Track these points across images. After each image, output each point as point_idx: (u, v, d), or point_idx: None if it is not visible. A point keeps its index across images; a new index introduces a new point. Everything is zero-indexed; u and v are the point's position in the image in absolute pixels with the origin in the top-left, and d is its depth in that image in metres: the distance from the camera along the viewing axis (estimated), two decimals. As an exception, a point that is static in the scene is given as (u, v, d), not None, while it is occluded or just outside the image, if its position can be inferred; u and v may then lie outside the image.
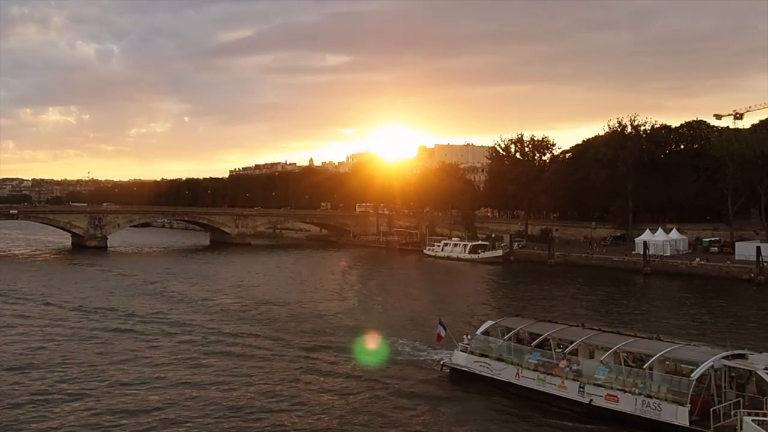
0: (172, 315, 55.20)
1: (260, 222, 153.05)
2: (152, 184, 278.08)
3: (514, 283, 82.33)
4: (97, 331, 48.58)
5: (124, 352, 41.99)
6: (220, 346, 43.37)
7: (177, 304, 61.11)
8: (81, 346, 43.70)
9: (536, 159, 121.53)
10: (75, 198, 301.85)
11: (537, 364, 32.02)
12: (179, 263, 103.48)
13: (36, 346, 43.74)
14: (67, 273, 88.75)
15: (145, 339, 45.75)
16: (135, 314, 54.91)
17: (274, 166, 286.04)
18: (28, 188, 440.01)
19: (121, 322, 51.52)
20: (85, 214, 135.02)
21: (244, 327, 50.13)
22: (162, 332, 47.77)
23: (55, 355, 40.95)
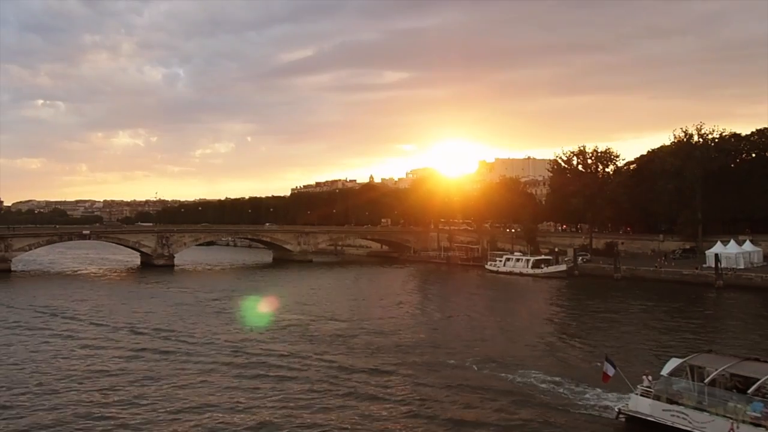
0: (233, 333, 55.55)
1: (321, 239, 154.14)
2: (217, 204, 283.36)
3: (582, 299, 79.97)
4: (158, 349, 49.24)
5: (182, 371, 42.33)
6: (284, 371, 41.70)
7: (237, 322, 61.55)
8: (146, 366, 44.29)
9: (599, 171, 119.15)
10: (143, 218, 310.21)
11: (762, 417, 25.44)
12: (242, 281, 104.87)
13: (96, 362, 44.75)
14: (134, 291, 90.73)
15: (205, 358, 45.73)
16: (196, 333, 55.43)
17: (335, 183, 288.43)
18: (99, 209, 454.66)
19: (183, 341, 52.04)
20: (153, 233, 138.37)
21: (315, 348, 48.75)
22: (222, 352, 47.71)
23: (114, 372, 41.77)
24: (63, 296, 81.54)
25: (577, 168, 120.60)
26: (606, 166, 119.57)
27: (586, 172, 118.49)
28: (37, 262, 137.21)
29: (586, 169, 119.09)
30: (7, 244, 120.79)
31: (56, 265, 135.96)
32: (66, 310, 69.11)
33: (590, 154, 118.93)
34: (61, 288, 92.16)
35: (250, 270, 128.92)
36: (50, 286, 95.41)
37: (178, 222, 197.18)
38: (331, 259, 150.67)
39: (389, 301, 77.74)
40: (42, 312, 67.98)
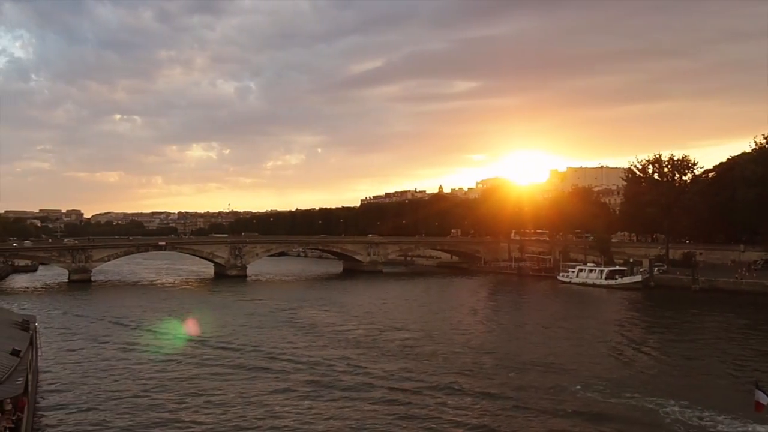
0: (303, 344, 55.56)
1: (391, 250, 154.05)
2: (288, 215, 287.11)
3: (662, 312, 76.38)
4: (229, 359, 49.55)
5: (252, 383, 42.42)
6: (353, 385, 41.00)
7: (308, 333, 61.71)
8: (217, 376, 44.58)
9: (676, 180, 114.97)
10: (216, 229, 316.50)
11: None
12: (313, 291, 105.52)
13: (167, 373, 45.23)
14: (208, 301, 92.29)
15: (274, 370, 45.69)
16: (267, 344, 55.54)
17: (404, 194, 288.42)
18: (174, 220, 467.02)
19: (253, 352, 52.06)
20: (226, 244, 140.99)
21: (386, 361, 47.94)
22: (292, 363, 47.53)
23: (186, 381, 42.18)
24: (139, 306, 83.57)
25: (653, 177, 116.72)
26: (683, 175, 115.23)
27: (663, 180, 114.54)
28: (115, 272, 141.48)
29: (663, 177, 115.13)
30: (87, 255, 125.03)
31: (133, 276, 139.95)
32: (142, 320, 70.72)
33: (667, 162, 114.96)
34: (138, 298, 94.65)
35: (320, 280, 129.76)
36: (128, 296, 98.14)
37: (250, 233, 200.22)
38: (400, 269, 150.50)
39: (461, 312, 76.72)
40: (119, 322, 69.70)
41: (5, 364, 28.61)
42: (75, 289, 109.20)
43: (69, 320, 72.56)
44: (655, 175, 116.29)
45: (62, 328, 66.92)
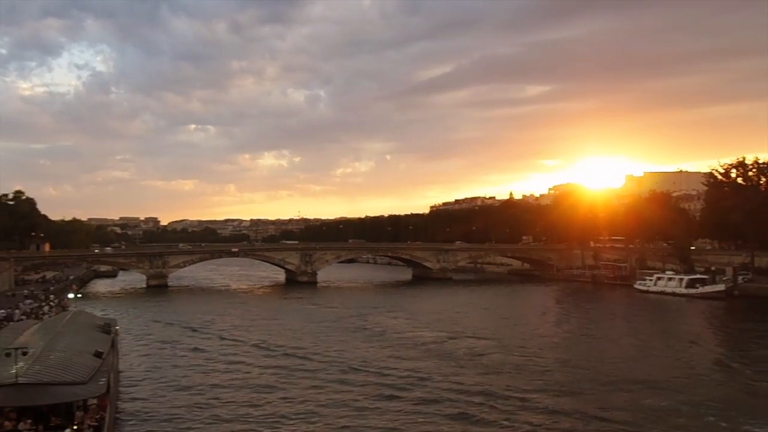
0: (372, 351, 55.32)
1: (461, 256, 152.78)
2: (357, 222, 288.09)
3: (754, 323, 73.57)
4: (299, 366, 49.62)
5: (321, 390, 42.17)
6: (422, 394, 40.32)
7: (377, 339, 61.47)
8: (286, 381, 44.70)
9: (762, 184, 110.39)
10: (287, 236, 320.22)
11: None
12: (382, 298, 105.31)
13: (237, 376, 45.65)
14: (279, 308, 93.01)
15: (343, 377, 45.42)
16: (336, 350, 55.46)
17: (474, 200, 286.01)
18: (246, 227, 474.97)
19: (323, 359, 51.83)
20: (297, 251, 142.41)
21: (456, 371, 47.12)
22: (361, 370, 47.18)
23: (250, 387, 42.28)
24: (213, 311, 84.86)
25: (736, 181, 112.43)
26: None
27: (747, 185, 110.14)
28: (190, 278, 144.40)
29: (747, 182, 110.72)
30: (164, 261, 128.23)
31: (207, 281, 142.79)
32: (215, 326, 71.81)
33: (751, 165, 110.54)
34: (212, 303, 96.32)
35: (389, 287, 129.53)
36: (202, 301, 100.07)
37: (320, 240, 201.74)
38: (470, 276, 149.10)
39: (533, 320, 75.28)
40: (193, 327, 70.85)
41: (89, 365, 29.18)
42: (152, 294, 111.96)
43: (146, 324, 74.23)
44: (739, 179, 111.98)
45: (140, 331, 68.54)
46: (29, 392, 24.79)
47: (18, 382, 24.80)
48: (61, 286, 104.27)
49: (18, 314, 59.82)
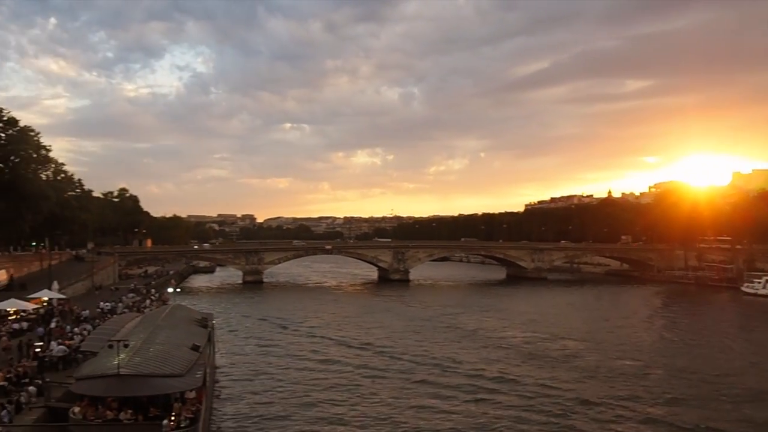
0: (463, 350, 54.72)
1: (556, 256, 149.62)
2: (450, 220, 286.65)
3: None
4: (387, 364, 49.57)
5: (411, 390, 42.02)
6: (516, 399, 39.48)
7: (469, 339, 60.90)
8: (374, 382, 44.71)
9: None
10: (380, 234, 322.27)
11: None
12: (475, 297, 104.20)
13: (328, 372, 45.90)
14: (371, 305, 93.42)
15: (434, 377, 45.00)
16: (427, 349, 55.03)
17: (570, 198, 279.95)
18: (340, 225, 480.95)
19: (414, 359, 51.44)
20: (390, 249, 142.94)
21: (550, 374, 45.85)
22: (453, 371, 46.60)
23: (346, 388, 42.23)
24: (306, 308, 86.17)
25: None
26: None
27: None
28: (284, 274, 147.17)
29: None
30: (259, 258, 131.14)
31: (301, 278, 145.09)
32: (308, 322, 72.81)
33: None
34: (305, 300, 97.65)
35: (482, 286, 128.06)
36: (295, 298, 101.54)
37: (412, 238, 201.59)
38: (566, 276, 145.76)
39: (632, 323, 72.68)
40: (286, 323, 72.13)
41: (186, 358, 29.79)
42: (248, 290, 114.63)
43: (242, 319, 75.99)
44: None
45: (235, 326, 70.24)
46: (130, 383, 25.49)
47: (120, 373, 25.53)
48: (162, 280, 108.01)
49: (121, 307, 62.17)
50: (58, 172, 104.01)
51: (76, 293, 79.42)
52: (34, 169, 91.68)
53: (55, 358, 36.71)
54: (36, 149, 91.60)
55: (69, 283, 79.25)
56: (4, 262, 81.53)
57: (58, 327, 47.79)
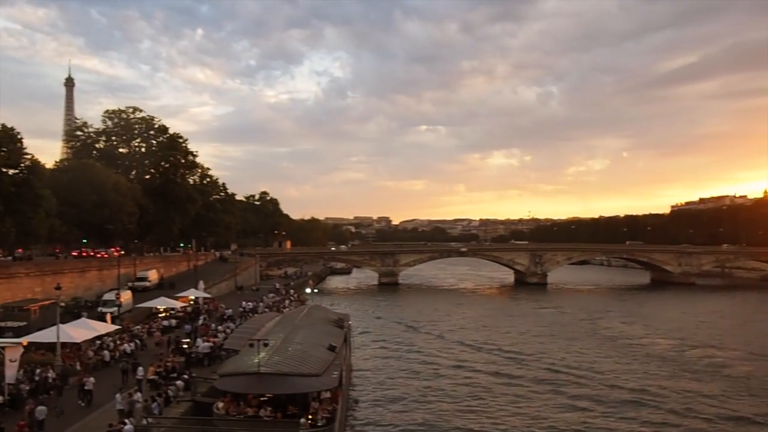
0: (600, 358, 52.73)
1: (705, 260, 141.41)
2: (590, 222, 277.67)
3: None
4: (521, 370, 48.41)
5: (547, 398, 40.70)
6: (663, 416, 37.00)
7: (607, 346, 58.55)
8: (510, 389, 43.79)
9: None
10: (516, 236, 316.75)
11: None
12: (616, 302, 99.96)
13: (460, 376, 45.37)
14: (507, 309, 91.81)
15: (576, 388, 43.29)
16: (564, 357, 53.42)
17: (721, 199, 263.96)
18: (475, 227, 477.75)
19: (551, 366, 49.96)
20: (527, 251, 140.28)
21: (692, 385, 43.46)
22: (591, 381, 44.71)
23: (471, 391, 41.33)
24: (441, 310, 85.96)
25: None
26: None
27: None
28: (419, 276, 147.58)
29: None
30: (395, 260, 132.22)
31: (436, 280, 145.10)
32: (442, 325, 72.63)
33: None
34: (440, 302, 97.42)
35: (624, 291, 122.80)
36: (430, 300, 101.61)
37: (550, 240, 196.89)
38: (716, 282, 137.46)
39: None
40: (420, 325, 72.27)
41: (323, 358, 30.10)
42: (383, 291, 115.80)
43: (377, 320, 76.93)
44: None
45: (370, 327, 71.11)
46: (269, 381, 26.03)
47: (260, 371, 26.16)
48: (300, 281, 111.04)
49: (262, 307, 64.37)
50: (204, 176, 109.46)
51: (220, 293, 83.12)
52: (183, 174, 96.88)
53: (201, 355, 38.35)
54: (184, 155, 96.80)
55: (214, 283, 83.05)
56: (155, 262, 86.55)
57: (204, 325, 49.95)
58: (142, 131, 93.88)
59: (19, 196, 58.49)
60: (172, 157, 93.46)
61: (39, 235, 65.88)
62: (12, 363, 28.83)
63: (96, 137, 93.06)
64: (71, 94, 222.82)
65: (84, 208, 73.36)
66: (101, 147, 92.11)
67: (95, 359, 37.42)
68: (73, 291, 62.27)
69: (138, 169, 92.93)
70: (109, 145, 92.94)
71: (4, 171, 57.44)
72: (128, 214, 79.18)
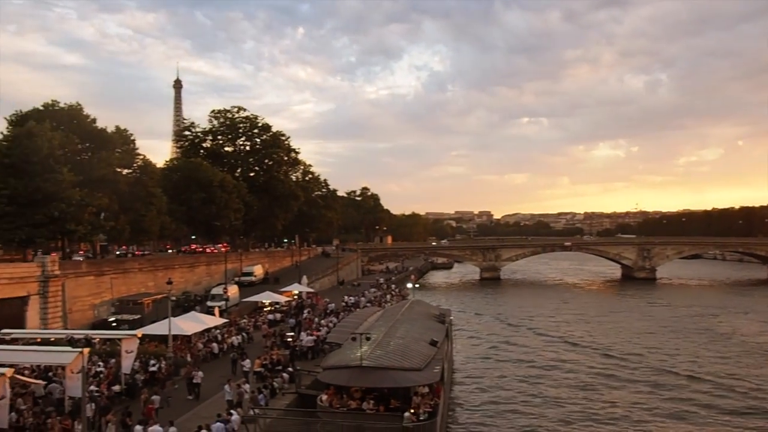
0: (714, 358, 49.87)
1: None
2: (702, 214, 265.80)
3: None
4: (628, 371, 46.19)
5: (656, 402, 38.63)
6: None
7: (721, 344, 55.67)
8: (618, 393, 42.12)
9: None
10: (623, 230, 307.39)
11: None
12: (731, 297, 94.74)
13: (563, 376, 44.24)
14: (613, 304, 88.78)
15: (677, 386, 41.13)
16: (672, 354, 51.41)
17: None
18: (580, 221, 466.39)
19: (657, 361, 48.22)
20: (634, 245, 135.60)
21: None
22: (698, 379, 42.51)
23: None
24: (543, 307, 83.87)
25: None
26: None
27: None
28: (522, 271, 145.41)
29: None
30: (496, 255, 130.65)
31: (539, 275, 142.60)
32: (544, 321, 71.08)
33: None
34: (543, 298, 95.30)
35: (740, 286, 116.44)
36: (533, 296, 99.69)
37: (659, 234, 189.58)
38: None
39: None
40: (522, 321, 70.94)
41: (425, 353, 29.99)
42: (485, 287, 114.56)
43: (478, 315, 76.09)
44: None
45: (472, 322, 70.42)
46: (371, 375, 26.10)
47: (362, 365, 26.28)
48: (401, 276, 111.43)
49: (363, 301, 64.88)
50: (306, 173, 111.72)
51: (323, 287, 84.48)
52: (285, 171, 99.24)
53: (305, 348, 38.97)
54: (287, 152, 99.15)
55: (316, 278, 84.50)
56: (260, 257, 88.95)
57: (308, 319, 50.80)
58: (246, 130, 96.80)
59: (132, 195, 61.43)
60: (275, 155, 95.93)
61: (151, 232, 68.93)
62: (128, 354, 30.08)
63: (203, 137, 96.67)
64: (179, 95, 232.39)
65: (192, 206, 76.39)
66: (208, 146, 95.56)
67: (204, 351, 38.73)
68: (183, 285, 64.87)
69: (242, 166, 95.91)
70: (215, 144, 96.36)
71: (118, 171, 60.39)
72: (234, 211, 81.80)
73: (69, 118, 58.02)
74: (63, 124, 56.83)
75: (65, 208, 50.18)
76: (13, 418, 23.05)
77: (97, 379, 28.91)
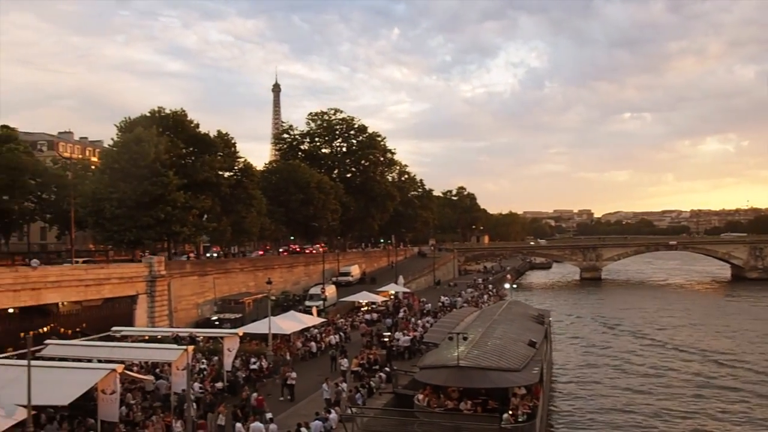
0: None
1: None
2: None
3: None
4: (735, 379, 43.24)
5: None
6: None
7: None
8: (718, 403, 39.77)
9: None
10: (733, 227, 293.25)
11: None
12: None
13: (665, 382, 42.22)
14: (720, 306, 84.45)
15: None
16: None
17: None
18: (686, 219, 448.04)
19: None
20: (745, 244, 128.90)
21: None
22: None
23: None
24: (646, 308, 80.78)
25: None
26: None
27: None
28: (624, 271, 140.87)
29: None
30: (597, 254, 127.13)
31: (641, 275, 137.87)
32: (647, 324, 67.92)
33: None
34: (645, 300, 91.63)
35: None
36: (635, 297, 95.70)
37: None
38: None
39: None
40: (623, 323, 68.39)
41: (523, 353, 29.52)
42: (585, 287, 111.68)
43: (578, 317, 74.01)
44: None
45: (571, 323, 68.74)
46: (469, 375, 25.88)
47: (459, 365, 26.10)
48: (499, 276, 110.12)
49: (460, 302, 64.41)
50: (402, 173, 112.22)
51: (419, 287, 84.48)
52: (381, 172, 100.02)
53: (401, 348, 39.03)
54: (383, 153, 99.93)
55: (413, 278, 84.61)
56: (357, 257, 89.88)
57: (404, 319, 50.87)
58: (342, 131, 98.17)
59: (234, 197, 63.32)
60: (371, 156, 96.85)
61: (251, 232, 70.81)
62: (230, 352, 30.91)
63: (301, 139, 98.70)
64: (278, 98, 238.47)
65: (291, 207, 78.05)
66: (306, 148, 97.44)
67: (303, 350, 39.35)
68: (282, 285, 66.33)
69: (339, 168, 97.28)
70: (312, 146, 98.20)
71: (220, 174, 62.27)
72: (331, 212, 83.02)
73: (174, 124, 60.23)
74: (168, 129, 59.07)
75: (171, 211, 52.11)
76: (123, 412, 24.05)
77: (201, 375, 29.83)
